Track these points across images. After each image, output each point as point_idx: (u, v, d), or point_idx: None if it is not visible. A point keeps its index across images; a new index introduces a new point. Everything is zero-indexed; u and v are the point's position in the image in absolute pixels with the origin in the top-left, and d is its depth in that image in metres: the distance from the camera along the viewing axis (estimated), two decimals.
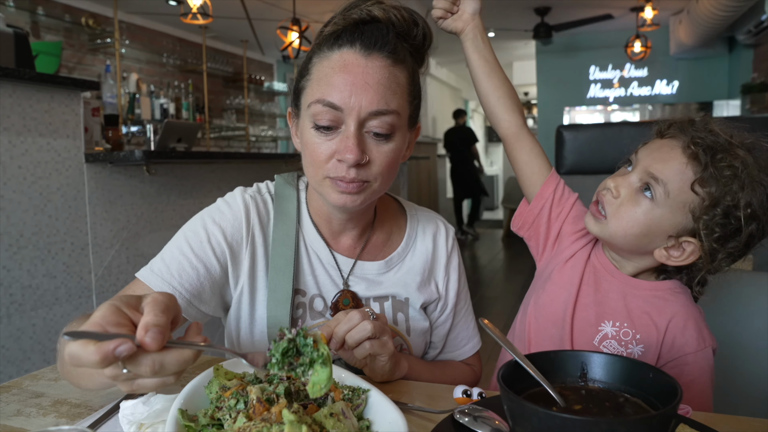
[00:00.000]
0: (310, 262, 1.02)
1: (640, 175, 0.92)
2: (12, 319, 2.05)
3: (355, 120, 0.86)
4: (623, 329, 0.97)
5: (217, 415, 0.65)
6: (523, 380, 0.65)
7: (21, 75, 2.00)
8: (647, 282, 0.99)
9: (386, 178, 0.94)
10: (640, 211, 0.91)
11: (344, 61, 0.88)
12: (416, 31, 0.95)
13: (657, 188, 0.89)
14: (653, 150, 0.93)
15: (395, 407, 0.67)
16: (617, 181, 0.94)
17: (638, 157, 0.94)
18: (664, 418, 0.54)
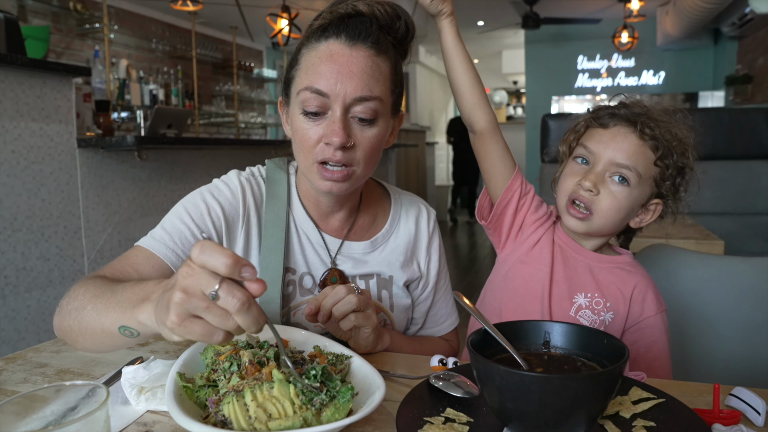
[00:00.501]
0: (300, 241, 1.08)
1: (607, 167, 1.02)
2: (7, 300, 2.10)
3: (340, 106, 0.93)
4: (595, 299, 1.07)
5: (212, 377, 0.72)
6: (491, 347, 0.72)
7: (13, 60, 2.03)
8: (608, 256, 1.11)
9: (369, 163, 1.00)
10: (621, 197, 1.01)
11: (330, 51, 0.94)
12: (399, 24, 1.01)
13: (630, 174, 1.01)
14: (607, 142, 1.02)
15: (375, 371, 0.74)
16: (591, 179, 1.02)
17: (593, 152, 1.03)
18: (611, 375, 0.61)
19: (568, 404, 0.60)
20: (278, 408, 0.62)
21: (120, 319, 0.73)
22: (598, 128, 1.05)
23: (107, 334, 0.77)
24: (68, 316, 0.84)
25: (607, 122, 1.04)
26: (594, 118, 1.07)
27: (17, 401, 0.56)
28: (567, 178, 1.07)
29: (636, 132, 1.01)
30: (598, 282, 1.08)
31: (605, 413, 0.71)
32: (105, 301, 0.78)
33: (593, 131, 1.06)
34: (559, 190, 1.09)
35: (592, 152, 1.03)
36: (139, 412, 0.76)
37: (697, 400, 0.78)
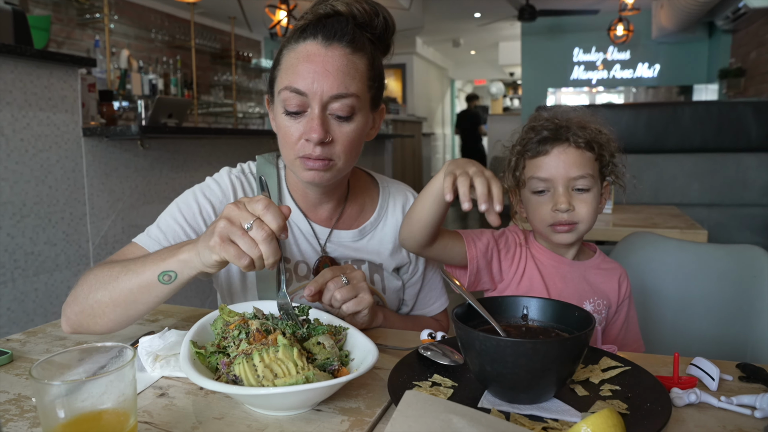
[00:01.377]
0: (292, 232, 1.15)
1: (568, 184, 1.11)
2: (16, 283, 2.17)
3: (318, 103, 0.98)
4: (596, 302, 1.16)
5: (222, 344, 0.80)
6: (474, 319, 0.80)
7: (22, 52, 2.09)
8: (591, 260, 1.21)
9: (349, 156, 1.05)
10: (591, 200, 1.12)
11: (307, 52, 0.99)
12: (377, 21, 1.06)
13: (587, 180, 1.11)
14: (555, 165, 1.11)
15: (369, 340, 0.82)
16: (562, 201, 1.10)
17: (548, 178, 1.11)
18: (577, 341, 0.69)
19: (539, 366, 0.68)
20: (283, 368, 0.70)
21: (160, 267, 0.87)
22: (537, 158, 1.13)
23: (145, 287, 0.88)
24: (95, 293, 0.92)
25: (541, 149, 1.12)
26: (525, 151, 1.15)
27: (53, 360, 0.63)
28: (537, 210, 1.14)
29: (571, 145, 1.11)
30: (592, 286, 1.18)
31: (577, 379, 0.79)
32: (138, 263, 0.90)
33: (535, 161, 1.13)
34: (535, 222, 1.16)
35: (547, 179, 1.12)
36: (155, 377, 0.84)
37: (661, 369, 0.86)
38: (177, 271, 0.86)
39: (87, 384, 0.58)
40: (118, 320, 0.93)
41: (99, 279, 0.93)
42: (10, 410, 0.74)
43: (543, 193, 1.13)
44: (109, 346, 0.66)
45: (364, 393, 0.78)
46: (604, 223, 2.45)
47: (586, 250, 1.24)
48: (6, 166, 2.12)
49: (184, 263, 0.85)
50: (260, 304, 0.92)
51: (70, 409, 0.58)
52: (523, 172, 1.16)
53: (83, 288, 0.95)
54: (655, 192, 3.51)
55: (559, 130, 1.12)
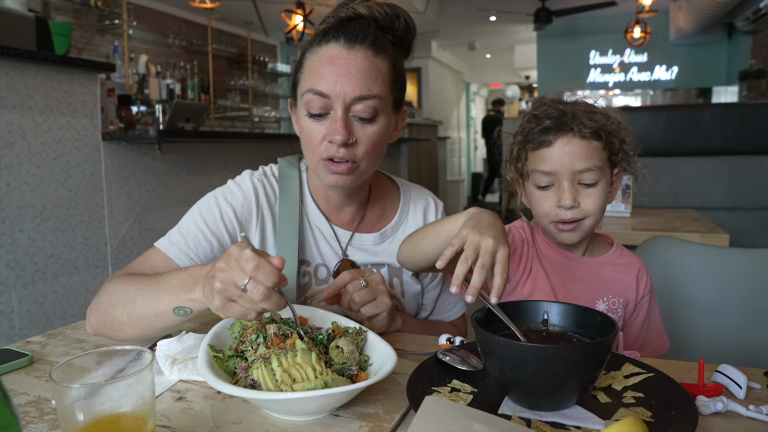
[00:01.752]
0: (313, 235, 1.15)
1: (574, 178, 1.05)
2: (36, 285, 2.20)
3: (341, 105, 0.98)
4: (611, 300, 1.12)
5: (240, 348, 0.79)
6: (494, 324, 0.79)
7: (44, 57, 2.12)
8: (605, 256, 1.16)
9: (372, 158, 1.05)
10: (598, 194, 1.06)
11: (330, 54, 1.00)
12: (398, 23, 1.07)
13: (593, 173, 1.04)
14: (559, 157, 1.04)
15: (388, 345, 0.81)
16: (567, 197, 1.04)
17: (551, 171, 1.05)
18: (599, 347, 0.68)
19: (561, 372, 0.67)
20: (301, 373, 0.70)
21: (174, 301, 0.86)
22: (540, 149, 1.06)
23: (161, 316, 0.89)
24: (114, 310, 0.94)
25: (544, 140, 1.05)
26: (527, 142, 1.08)
27: (73, 363, 0.63)
28: (541, 205, 1.08)
29: (576, 135, 1.03)
30: (605, 283, 1.12)
31: (599, 385, 0.78)
32: (154, 290, 0.90)
33: (537, 153, 1.07)
34: (539, 217, 1.11)
35: (550, 172, 1.05)
36: (173, 381, 0.84)
37: (685, 376, 0.84)
38: (192, 308, 0.87)
39: (106, 387, 0.58)
40: (139, 335, 0.95)
41: (118, 296, 0.94)
42: (30, 412, 0.74)
43: (547, 187, 1.07)
44: (127, 350, 0.66)
45: (383, 398, 0.77)
46: (622, 226, 2.42)
47: (602, 243, 1.19)
48: (27, 170, 2.15)
49: (198, 303, 0.85)
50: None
51: (89, 412, 0.58)
52: (526, 163, 1.10)
53: (104, 300, 0.96)
54: (674, 195, 3.46)
55: (563, 118, 1.04)
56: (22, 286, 2.15)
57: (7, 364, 0.88)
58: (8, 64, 2.07)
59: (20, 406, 0.76)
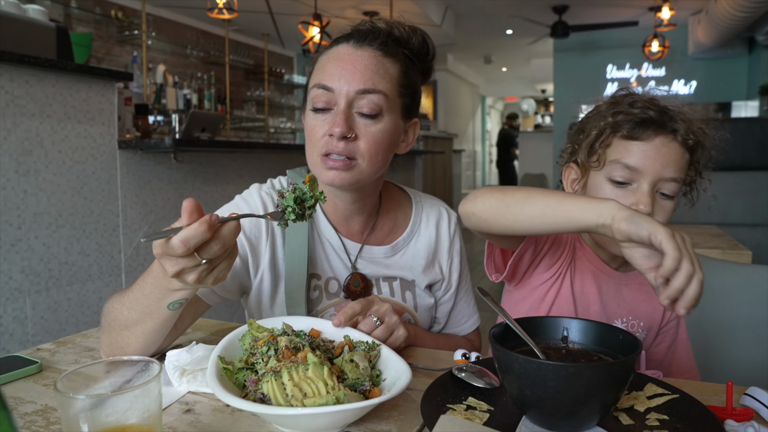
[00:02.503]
0: (323, 248, 1.12)
1: (656, 184, 0.94)
2: (50, 292, 2.20)
3: (344, 99, 0.98)
4: (630, 322, 1.06)
5: (251, 360, 0.77)
6: (512, 340, 0.77)
7: (63, 66, 2.14)
8: (632, 274, 1.08)
9: (374, 159, 1.01)
10: (670, 209, 0.96)
11: (338, 53, 1.02)
12: (414, 38, 1.08)
13: (676, 186, 0.94)
14: (653, 157, 0.93)
15: (401, 360, 0.79)
16: (645, 202, 0.93)
17: (637, 169, 0.94)
18: (623, 366, 0.65)
19: (582, 392, 0.64)
20: (312, 388, 0.68)
21: (163, 302, 0.82)
22: (633, 141, 0.94)
23: (155, 316, 0.85)
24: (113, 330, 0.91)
25: (641, 133, 0.94)
26: (618, 126, 0.96)
27: (79, 372, 0.62)
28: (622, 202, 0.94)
29: (677, 140, 0.94)
30: (627, 303, 1.06)
31: (620, 406, 0.75)
32: (137, 300, 0.86)
33: (627, 144, 0.95)
34: None
35: (636, 169, 0.94)
36: (181, 392, 0.82)
37: (711, 398, 0.81)
38: (183, 297, 0.82)
39: (112, 398, 0.57)
40: (144, 345, 0.91)
41: (112, 316, 0.91)
42: (37, 421, 0.73)
43: (623, 185, 0.95)
44: (135, 360, 0.64)
45: (396, 415, 0.75)
46: None
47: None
48: (44, 177, 2.16)
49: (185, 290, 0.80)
50: (290, 320, 0.90)
51: (94, 424, 0.56)
52: (606, 150, 0.97)
53: (104, 324, 0.93)
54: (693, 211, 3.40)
55: (666, 116, 0.93)
56: (36, 293, 2.16)
57: (16, 371, 0.87)
58: (28, 73, 2.09)
59: (26, 414, 0.75)
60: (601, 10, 7.51)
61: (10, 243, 2.06)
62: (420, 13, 6.93)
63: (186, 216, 0.68)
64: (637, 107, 0.95)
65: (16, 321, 2.10)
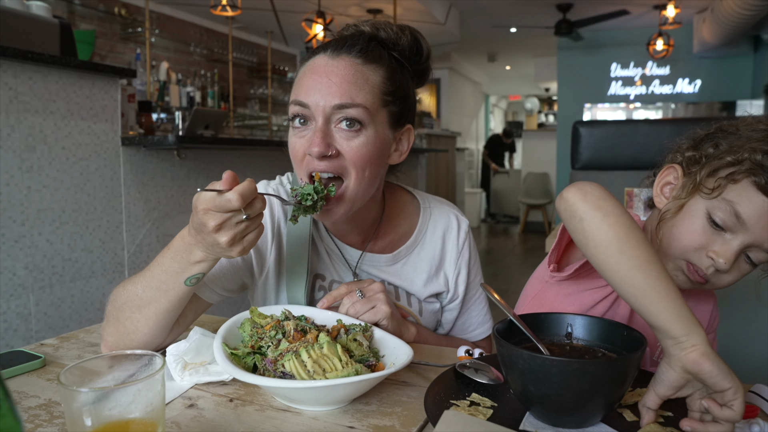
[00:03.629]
0: (326, 250, 1.11)
1: (748, 245, 0.83)
2: (53, 289, 2.21)
3: (321, 115, 0.93)
4: None
5: (258, 344, 0.81)
6: (516, 336, 0.76)
7: (67, 63, 2.14)
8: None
9: (361, 177, 0.96)
10: (745, 272, 0.87)
11: (314, 65, 0.96)
12: (403, 38, 1.02)
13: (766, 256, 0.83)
14: (766, 217, 0.80)
15: (395, 338, 0.84)
16: (727, 256, 0.83)
17: (744, 221, 0.82)
18: (627, 362, 0.64)
19: (586, 388, 0.64)
20: (329, 364, 0.74)
21: (181, 276, 0.86)
22: (760, 194, 0.81)
23: (171, 293, 0.87)
24: (122, 314, 0.91)
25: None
26: (757, 172, 0.81)
27: (82, 366, 0.62)
28: (691, 235, 0.86)
29: None
30: None
31: (625, 403, 0.74)
32: (153, 277, 0.88)
33: (752, 193, 0.81)
34: (675, 242, 0.88)
35: (742, 222, 0.82)
36: (184, 387, 0.82)
37: None
38: (201, 271, 0.87)
39: (115, 392, 0.57)
40: (152, 330, 0.91)
41: (122, 299, 0.91)
42: (40, 415, 0.73)
43: (719, 228, 0.84)
44: (138, 354, 0.64)
45: (399, 411, 0.75)
46: None
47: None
48: (48, 174, 2.17)
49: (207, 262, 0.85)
50: (289, 307, 0.94)
51: (97, 417, 0.56)
52: (728, 185, 0.83)
53: (111, 311, 0.93)
54: None
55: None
56: (40, 289, 2.16)
57: (20, 366, 0.87)
58: (32, 69, 2.09)
59: (30, 408, 0.75)
60: (605, 8, 7.48)
61: (14, 239, 2.07)
62: (424, 11, 6.92)
63: (227, 185, 0.76)
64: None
65: (20, 317, 2.10)
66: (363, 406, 0.76)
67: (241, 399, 0.78)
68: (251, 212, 0.78)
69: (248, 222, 0.78)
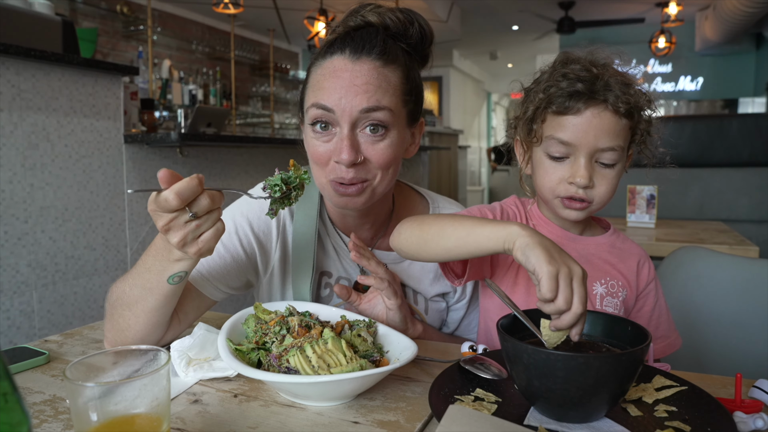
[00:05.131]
0: (334, 247, 1.11)
1: (593, 155, 0.93)
2: (57, 286, 2.21)
3: (347, 121, 0.92)
4: (609, 283, 1.03)
5: (263, 340, 0.81)
6: (520, 331, 0.76)
7: (69, 60, 2.15)
8: (602, 237, 1.07)
9: (385, 176, 0.98)
10: (613, 176, 0.95)
11: (334, 67, 0.94)
12: (412, 30, 1.00)
13: (616, 153, 0.93)
14: (585, 129, 0.92)
15: (399, 333, 0.84)
16: (582, 174, 0.93)
17: (571, 143, 0.93)
18: (632, 357, 0.64)
19: (591, 382, 0.64)
20: (334, 359, 0.74)
21: (163, 275, 0.83)
22: (564, 116, 0.94)
23: (155, 291, 0.85)
24: (115, 312, 0.91)
25: (571, 106, 0.92)
26: (550, 102, 0.95)
27: (88, 362, 0.62)
28: (548, 176, 0.97)
29: (608, 108, 0.91)
30: (604, 265, 1.04)
31: (629, 398, 0.74)
32: (138, 275, 0.87)
33: (559, 119, 0.94)
34: (543, 189, 0.99)
35: (569, 143, 0.93)
36: (188, 383, 0.82)
37: (720, 391, 0.80)
38: (183, 269, 0.84)
39: (121, 387, 0.57)
40: (144, 326, 0.90)
41: (114, 299, 0.91)
42: (45, 411, 0.73)
43: (560, 159, 0.95)
44: (144, 349, 0.64)
45: (404, 406, 0.75)
46: (647, 237, 2.37)
47: (596, 226, 1.10)
48: (51, 171, 2.17)
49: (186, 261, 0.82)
50: (294, 303, 0.94)
51: (102, 412, 0.56)
52: (542, 126, 0.97)
53: (107, 310, 0.94)
54: (699, 207, 3.39)
55: (596, 85, 0.91)
56: (43, 287, 2.16)
57: (24, 362, 0.88)
58: (35, 66, 2.09)
59: (35, 404, 0.75)
60: (608, 5, 7.47)
61: (17, 237, 2.07)
62: (426, 9, 6.91)
63: (164, 183, 0.72)
64: (569, 78, 0.93)
65: (23, 314, 2.10)
66: (367, 402, 0.76)
67: (246, 395, 0.78)
68: (198, 210, 0.74)
69: (199, 221, 0.75)
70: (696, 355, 1.17)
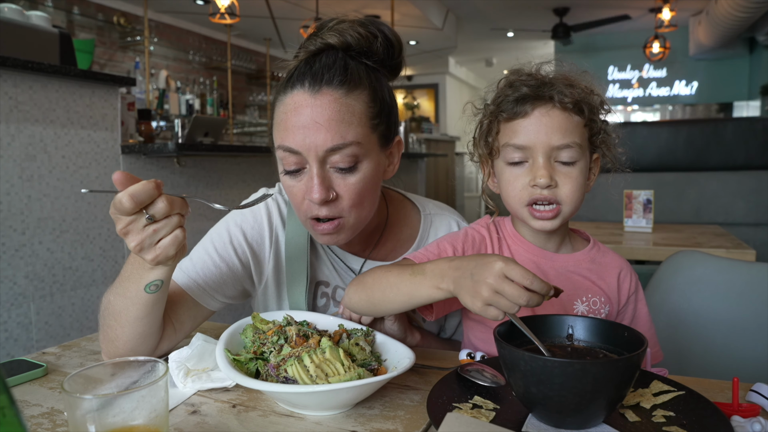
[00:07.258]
0: (327, 256, 1.10)
1: (551, 154, 0.93)
2: (54, 297, 2.21)
3: (315, 160, 0.89)
4: (591, 300, 1.01)
5: (261, 350, 0.81)
6: (517, 338, 0.77)
7: (67, 72, 2.15)
8: (581, 253, 1.04)
9: (360, 209, 0.96)
10: (576, 175, 0.94)
11: (295, 104, 0.90)
12: (376, 44, 0.95)
13: (573, 151, 0.93)
14: (535, 130, 0.93)
15: (397, 342, 0.84)
16: (542, 174, 0.92)
17: (525, 146, 0.93)
18: (629, 363, 0.65)
19: (589, 389, 0.64)
20: (332, 368, 0.74)
21: (140, 284, 0.83)
22: (514, 120, 0.94)
23: (135, 300, 0.85)
24: (104, 323, 0.92)
25: (519, 110, 0.93)
26: (500, 112, 0.96)
27: (86, 374, 0.62)
28: (512, 184, 0.96)
29: (556, 105, 0.92)
30: (585, 282, 1.02)
31: (627, 403, 0.74)
32: (119, 285, 0.87)
33: (511, 125, 0.95)
34: (510, 200, 0.98)
35: (524, 146, 0.93)
36: (187, 394, 0.82)
37: (718, 395, 0.80)
38: (159, 278, 0.83)
39: (119, 399, 0.57)
40: (129, 336, 0.90)
41: (102, 310, 0.92)
42: (43, 424, 0.73)
43: (519, 164, 0.95)
44: (141, 361, 0.64)
45: (402, 414, 0.75)
46: (644, 242, 2.37)
47: (578, 239, 1.08)
48: (48, 182, 2.17)
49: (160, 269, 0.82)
50: (291, 313, 0.94)
51: (101, 424, 0.56)
52: (497, 137, 0.97)
53: (99, 322, 0.94)
54: (696, 211, 3.40)
55: (542, 87, 0.93)
56: (41, 298, 2.16)
57: (22, 375, 0.87)
58: (32, 78, 2.10)
59: (33, 417, 0.75)
60: (602, 12, 7.51)
61: (15, 248, 2.07)
62: (421, 17, 6.94)
63: (119, 186, 0.72)
64: (515, 86, 0.95)
65: (21, 326, 2.10)
66: (366, 410, 0.76)
67: (244, 405, 0.78)
68: (154, 213, 0.73)
69: (157, 226, 0.74)
70: (693, 359, 1.17)
